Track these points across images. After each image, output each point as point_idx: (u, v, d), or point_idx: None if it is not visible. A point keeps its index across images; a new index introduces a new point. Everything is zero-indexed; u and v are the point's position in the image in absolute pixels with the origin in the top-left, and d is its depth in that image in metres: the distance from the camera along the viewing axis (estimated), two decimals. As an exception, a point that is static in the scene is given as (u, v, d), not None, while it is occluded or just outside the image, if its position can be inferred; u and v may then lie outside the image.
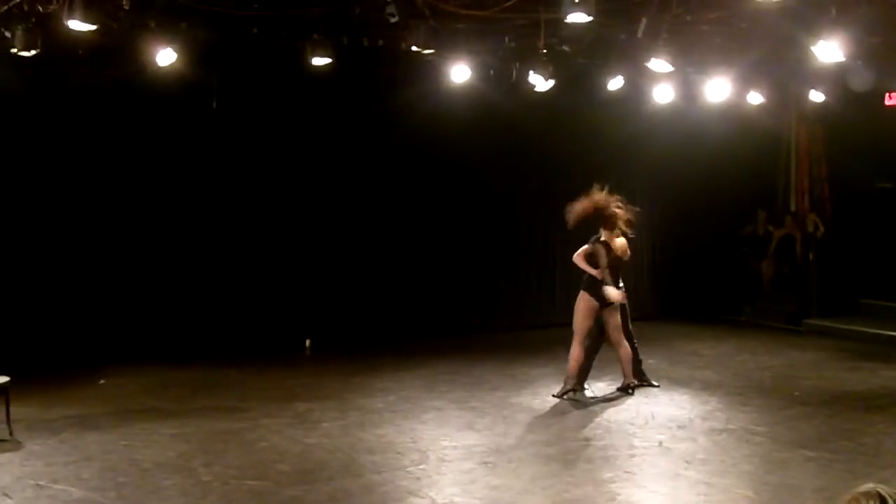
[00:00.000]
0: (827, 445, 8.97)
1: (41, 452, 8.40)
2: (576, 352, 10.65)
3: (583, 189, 10.93)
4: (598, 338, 10.89)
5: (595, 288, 10.51)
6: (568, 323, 10.91)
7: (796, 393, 11.30)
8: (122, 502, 7.24)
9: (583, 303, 10.62)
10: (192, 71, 11.38)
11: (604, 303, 10.52)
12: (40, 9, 9.21)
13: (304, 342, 13.53)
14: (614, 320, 10.69)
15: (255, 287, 13.29)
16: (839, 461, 8.46)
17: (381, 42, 11.38)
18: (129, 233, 12.53)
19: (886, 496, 3.06)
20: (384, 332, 13.95)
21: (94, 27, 9.16)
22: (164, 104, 12.24)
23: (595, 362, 11.06)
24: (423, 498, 7.39)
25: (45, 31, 9.56)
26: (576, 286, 10.92)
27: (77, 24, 9.03)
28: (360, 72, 12.71)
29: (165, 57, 10.64)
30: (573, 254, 10.77)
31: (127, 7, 9.16)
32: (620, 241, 10.57)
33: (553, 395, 10.71)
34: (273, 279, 13.41)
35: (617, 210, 10.49)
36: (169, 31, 10.38)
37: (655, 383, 11.15)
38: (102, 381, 11.22)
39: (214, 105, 12.54)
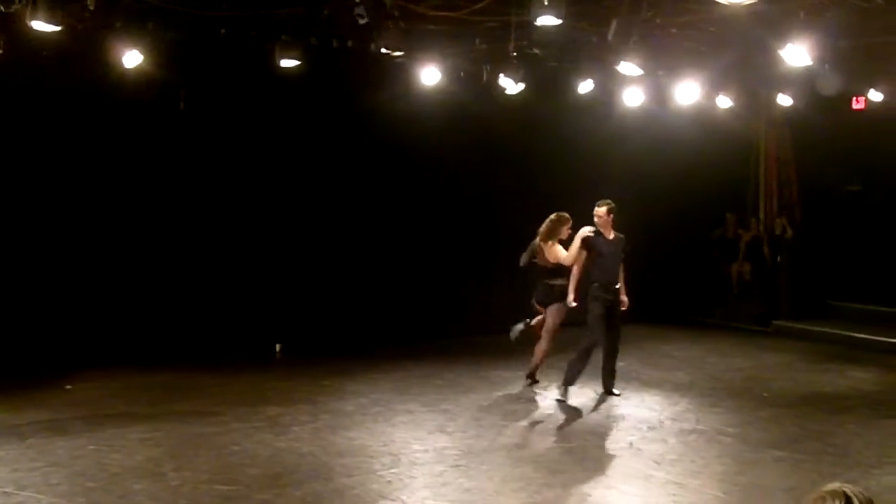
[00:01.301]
0: (796, 446, 9.03)
1: (7, 458, 8.27)
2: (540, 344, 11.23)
3: (555, 191, 10.93)
4: (609, 339, 10.97)
5: (535, 287, 11.19)
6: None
7: (766, 394, 11.37)
8: (90, 507, 7.18)
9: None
10: (159, 72, 11.31)
11: (541, 301, 11.10)
12: (2, 9, 9.06)
13: (275, 346, 13.46)
14: (551, 320, 11.02)
15: (226, 290, 13.19)
16: (808, 461, 8.51)
17: (350, 43, 11.35)
18: (99, 236, 12.40)
19: (851, 495, 3.10)
20: (356, 336, 13.89)
21: (58, 28, 9.07)
22: (130, 106, 12.14)
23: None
24: (394, 501, 7.35)
25: (8, 31, 9.46)
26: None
27: (41, 25, 8.94)
28: (330, 73, 12.66)
29: (132, 58, 10.56)
30: None
31: (92, 7, 9.07)
32: (551, 248, 10.95)
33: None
34: (244, 282, 13.31)
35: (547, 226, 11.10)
36: (135, 32, 10.30)
37: (561, 398, 10.84)
38: (69, 387, 11.09)
39: (182, 107, 12.46)
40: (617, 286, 10.87)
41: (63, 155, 12.10)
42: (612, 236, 10.90)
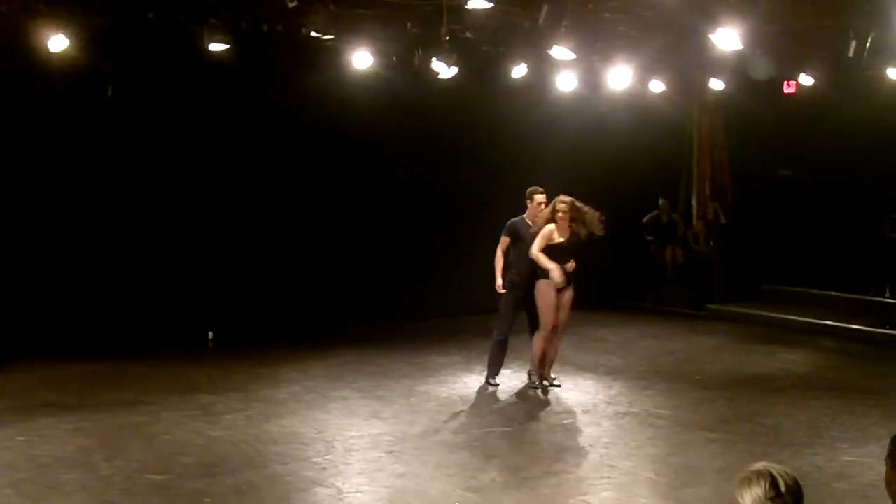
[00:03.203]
0: (728, 427, 9.15)
1: (-69, 451, 8.11)
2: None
3: (487, 176, 10.77)
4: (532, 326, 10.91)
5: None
6: (475, 311, 11.03)
7: (698, 377, 11.50)
8: (19, 499, 7.02)
9: None
10: (85, 57, 11.05)
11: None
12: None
13: (207, 334, 13.29)
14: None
15: (157, 277, 13.01)
16: (739, 442, 8.63)
17: (280, 27, 11.20)
18: (24, 224, 12.15)
19: (776, 475, 3.15)
20: (289, 323, 13.76)
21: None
22: (56, 92, 11.87)
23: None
24: (328, 487, 7.32)
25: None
26: (484, 275, 10.90)
27: (-39, 8, 8.72)
28: (260, 57, 12.46)
29: (57, 42, 10.33)
30: (482, 242, 10.92)
31: (15, -10, 8.88)
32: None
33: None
34: (175, 270, 13.13)
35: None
36: (61, 15, 10.07)
37: (494, 383, 10.80)
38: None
39: (110, 92, 12.22)
40: None
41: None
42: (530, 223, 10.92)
